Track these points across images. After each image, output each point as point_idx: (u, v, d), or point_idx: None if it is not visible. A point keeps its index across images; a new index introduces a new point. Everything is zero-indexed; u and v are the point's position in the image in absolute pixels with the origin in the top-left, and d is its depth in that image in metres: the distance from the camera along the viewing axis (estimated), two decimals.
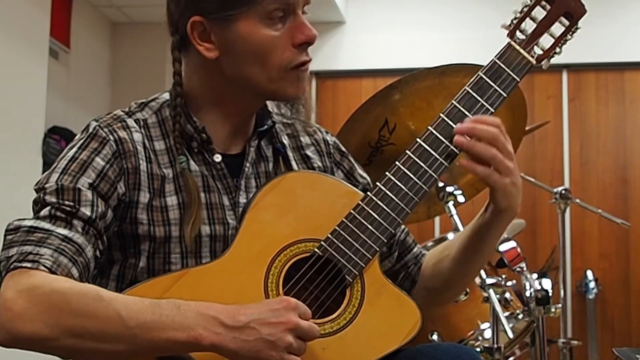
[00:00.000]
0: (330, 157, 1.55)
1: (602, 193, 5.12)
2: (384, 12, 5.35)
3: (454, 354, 1.31)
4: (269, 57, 1.33)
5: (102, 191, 1.30)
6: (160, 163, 1.36)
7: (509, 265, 2.04)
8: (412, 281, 1.54)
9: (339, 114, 5.24)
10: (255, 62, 1.34)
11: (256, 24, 1.32)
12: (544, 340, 2.06)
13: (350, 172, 1.56)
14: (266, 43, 1.33)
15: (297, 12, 1.35)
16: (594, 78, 5.24)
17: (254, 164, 1.44)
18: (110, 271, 1.36)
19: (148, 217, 1.33)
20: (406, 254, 1.55)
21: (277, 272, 1.30)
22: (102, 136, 1.34)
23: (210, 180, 1.39)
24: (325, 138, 1.56)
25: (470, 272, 1.51)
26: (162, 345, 1.14)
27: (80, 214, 1.26)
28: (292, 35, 1.34)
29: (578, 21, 1.41)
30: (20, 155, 3.91)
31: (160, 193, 1.34)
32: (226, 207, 1.38)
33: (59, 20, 4.58)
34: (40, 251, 1.20)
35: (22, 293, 1.15)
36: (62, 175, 1.29)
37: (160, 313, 1.14)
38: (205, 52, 1.35)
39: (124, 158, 1.33)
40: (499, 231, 1.43)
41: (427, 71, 2.07)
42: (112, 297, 1.17)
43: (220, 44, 1.34)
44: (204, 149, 1.39)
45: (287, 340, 1.15)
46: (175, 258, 1.34)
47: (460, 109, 1.37)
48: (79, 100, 4.91)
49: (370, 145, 2.20)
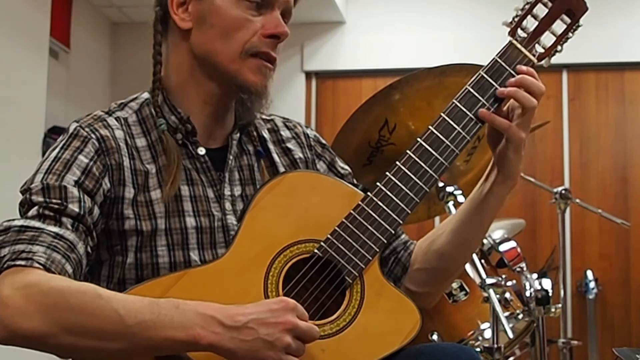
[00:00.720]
0: (311, 149, 1.57)
1: (602, 193, 5.11)
2: (384, 12, 5.35)
3: (453, 354, 1.31)
4: (235, 35, 1.38)
5: (88, 188, 1.30)
6: (143, 159, 1.38)
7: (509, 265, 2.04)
8: (403, 267, 1.53)
9: (339, 114, 5.24)
10: (221, 37, 1.38)
11: (233, 1, 1.37)
12: (544, 340, 2.06)
13: (331, 164, 1.57)
14: (237, 20, 1.38)
15: (274, 8, 1.39)
16: (594, 78, 5.23)
17: (237, 157, 1.46)
18: (100, 272, 1.36)
19: (134, 212, 1.34)
20: (394, 240, 1.55)
21: (277, 272, 1.29)
22: (84, 135, 1.35)
23: (194, 174, 1.40)
24: (305, 132, 1.58)
25: (467, 245, 1.51)
26: (160, 344, 1.14)
27: (68, 211, 1.26)
28: (264, 25, 1.39)
29: (580, 19, 1.41)
30: (20, 155, 3.90)
31: (145, 188, 1.35)
32: (211, 200, 1.39)
33: (59, 20, 4.58)
34: (33, 249, 1.20)
35: (19, 290, 1.15)
36: (46, 174, 1.30)
37: (159, 312, 1.14)
38: (180, 23, 1.40)
39: (107, 155, 1.34)
40: (499, 202, 1.44)
41: (427, 71, 2.07)
42: (111, 296, 1.17)
43: (195, 15, 1.40)
44: (188, 141, 1.41)
45: (285, 340, 1.15)
46: (162, 251, 1.34)
47: (462, 108, 1.37)
48: (79, 100, 4.91)
49: (370, 145, 2.20)
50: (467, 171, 2.37)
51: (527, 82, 1.37)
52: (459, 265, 1.54)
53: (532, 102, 1.36)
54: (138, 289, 1.25)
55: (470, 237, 1.49)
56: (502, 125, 1.37)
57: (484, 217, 1.46)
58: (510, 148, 1.38)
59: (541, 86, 1.38)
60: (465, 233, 1.47)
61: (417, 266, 1.52)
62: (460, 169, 2.36)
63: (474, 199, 1.46)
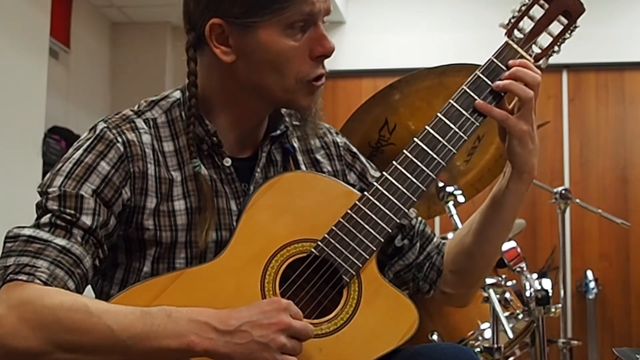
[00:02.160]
0: (341, 159, 1.54)
1: (602, 193, 5.11)
2: (384, 12, 5.35)
3: (452, 354, 1.30)
4: (287, 68, 1.32)
5: (106, 198, 1.29)
6: (169, 165, 1.35)
7: (509, 265, 2.04)
8: (438, 271, 1.53)
9: (339, 114, 5.23)
10: (272, 71, 1.32)
11: (277, 33, 1.30)
12: (544, 340, 2.06)
13: (362, 174, 1.55)
14: (285, 53, 1.31)
15: (317, 24, 1.33)
16: (594, 78, 5.24)
17: (264, 168, 1.43)
18: (114, 275, 1.35)
19: (155, 223, 1.32)
20: (427, 244, 1.54)
21: (274, 272, 1.29)
22: (109, 138, 1.32)
23: (219, 184, 1.37)
24: (335, 140, 1.55)
25: (493, 243, 1.48)
26: (155, 354, 1.14)
27: (80, 223, 1.25)
28: (311, 47, 1.33)
29: (577, 20, 1.41)
30: (20, 155, 3.90)
31: (168, 197, 1.33)
32: (233, 213, 1.37)
33: (59, 20, 4.58)
34: (37, 263, 1.20)
35: (13, 309, 1.15)
36: (65, 179, 1.28)
37: (152, 322, 1.14)
38: (222, 55, 1.32)
39: (131, 161, 1.31)
40: (516, 198, 1.42)
41: (427, 71, 2.06)
42: (103, 311, 1.16)
43: (238, 49, 1.32)
44: (214, 152, 1.38)
45: (279, 341, 1.14)
46: (180, 263, 1.33)
47: (458, 108, 1.37)
48: (79, 100, 4.91)
49: (370, 145, 2.20)
50: (467, 171, 2.37)
51: (520, 74, 1.36)
52: (488, 263, 1.53)
53: (527, 93, 1.35)
54: (136, 287, 1.26)
55: (493, 235, 1.47)
56: (500, 116, 1.37)
57: (504, 214, 1.44)
58: (514, 142, 1.38)
59: (535, 76, 1.37)
60: (488, 232, 1.46)
61: (449, 269, 1.52)
62: (460, 169, 2.36)
63: (493, 197, 1.45)
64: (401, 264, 1.52)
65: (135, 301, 1.21)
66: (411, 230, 1.52)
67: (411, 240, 1.52)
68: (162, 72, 5.22)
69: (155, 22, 5.28)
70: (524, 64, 1.38)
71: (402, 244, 1.52)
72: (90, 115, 4.77)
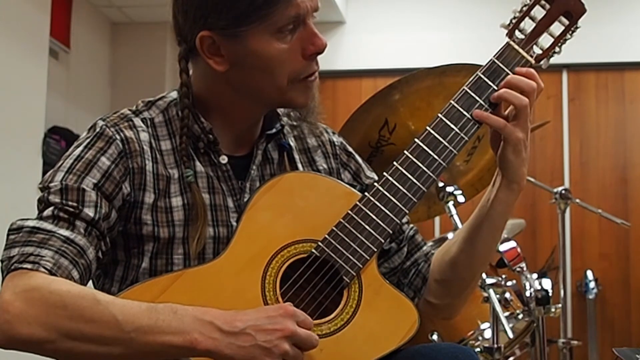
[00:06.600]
0: (337, 158, 1.54)
1: (602, 193, 5.12)
2: (384, 12, 5.35)
3: (452, 354, 1.30)
4: (279, 70, 1.33)
5: (107, 191, 1.30)
6: (166, 163, 1.36)
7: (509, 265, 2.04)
8: (423, 278, 1.51)
9: (339, 114, 5.23)
10: (265, 75, 1.33)
11: (267, 38, 1.30)
12: (544, 340, 2.06)
13: (356, 173, 1.55)
14: (277, 57, 1.32)
15: (307, 22, 1.34)
16: (594, 78, 5.24)
17: (260, 166, 1.43)
18: (114, 272, 1.36)
19: (152, 218, 1.33)
20: (416, 251, 1.54)
21: (275, 272, 1.29)
22: (109, 135, 1.33)
23: (215, 182, 1.38)
24: (331, 139, 1.55)
25: (480, 253, 1.45)
26: (158, 349, 1.14)
27: (83, 215, 1.26)
28: (303, 47, 1.34)
29: (578, 20, 1.41)
30: (20, 155, 3.91)
31: (166, 194, 1.34)
32: (230, 209, 1.38)
33: (59, 20, 4.58)
34: (42, 252, 1.20)
35: (20, 295, 1.15)
36: (67, 174, 1.29)
37: (157, 317, 1.14)
38: (215, 65, 1.33)
39: (129, 158, 1.33)
40: (505, 207, 1.40)
41: (427, 71, 2.07)
42: (109, 301, 1.16)
43: (230, 58, 1.33)
44: (211, 150, 1.39)
45: (282, 347, 1.14)
46: (178, 259, 1.33)
47: (459, 109, 1.37)
48: (79, 100, 4.91)
49: (370, 145, 2.20)
50: (467, 171, 2.37)
51: (515, 81, 1.35)
52: (474, 274, 1.49)
53: (521, 101, 1.34)
54: (136, 288, 1.26)
55: (481, 245, 1.44)
56: (497, 123, 1.36)
57: (492, 223, 1.42)
58: (509, 149, 1.36)
59: (531, 83, 1.35)
60: (476, 241, 1.43)
61: (434, 277, 1.50)
62: (460, 169, 2.36)
63: (481, 206, 1.43)
64: (386, 266, 1.51)
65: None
66: (400, 234, 1.52)
67: (399, 244, 1.52)
68: (162, 72, 5.22)
69: (155, 22, 5.28)
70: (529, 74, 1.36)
71: (389, 247, 1.51)
72: (90, 115, 4.77)
